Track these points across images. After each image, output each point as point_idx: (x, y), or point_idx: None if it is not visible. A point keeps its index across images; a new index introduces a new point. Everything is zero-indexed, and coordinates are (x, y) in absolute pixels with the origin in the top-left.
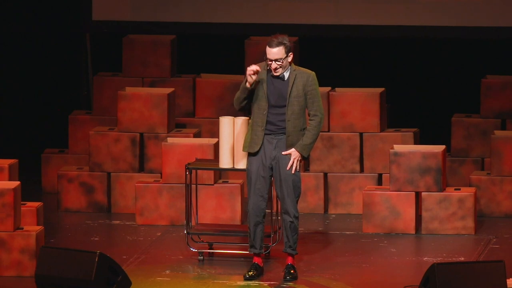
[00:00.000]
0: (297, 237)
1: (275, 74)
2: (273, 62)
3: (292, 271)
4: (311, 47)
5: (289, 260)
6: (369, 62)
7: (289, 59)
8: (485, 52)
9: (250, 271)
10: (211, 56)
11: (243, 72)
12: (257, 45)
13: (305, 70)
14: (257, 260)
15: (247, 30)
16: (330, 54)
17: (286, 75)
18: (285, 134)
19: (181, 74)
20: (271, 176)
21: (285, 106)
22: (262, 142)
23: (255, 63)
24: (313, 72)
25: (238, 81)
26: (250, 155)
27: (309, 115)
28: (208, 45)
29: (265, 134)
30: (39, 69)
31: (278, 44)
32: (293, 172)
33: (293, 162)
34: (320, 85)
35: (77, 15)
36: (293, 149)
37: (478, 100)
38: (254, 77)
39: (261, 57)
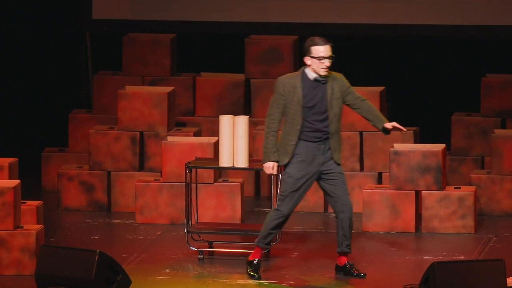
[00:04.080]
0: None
1: (324, 73)
2: (326, 59)
3: (354, 268)
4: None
5: (346, 260)
6: (369, 60)
7: None
8: (485, 51)
9: (259, 267)
10: (211, 55)
11: (243, 70)
12: (257, 43)
13: (334, 73)
14: (261, 256)
15: (247, 29)
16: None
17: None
18: (329, 138)
19: (181, 73)
20: (311, 184)
21: (327, 110)
22: (293, 154)
23: (255, 62)
24: (342, 74)
25: (238, 80)
26: (296, 161)
27: (354, 106)
28: (208, 43)
29: (310, 141)
30: (39, 68)
31: (326, 42)
32: (404, 130)
33: (397, 124)
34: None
35: (77, 14)
36: (386, 123)
37: (478, 98)
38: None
39: (261, 56)
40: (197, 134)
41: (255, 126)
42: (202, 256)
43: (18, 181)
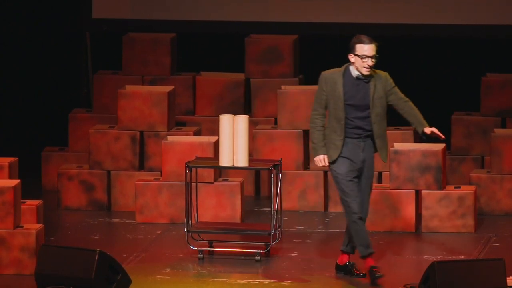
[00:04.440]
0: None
1: (366, 73)
2: (369, 59)
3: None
4: (312, 45)
5: (347, 259)
6: None
7: None
8: (485, 50)
9: (378, 270)
10: (211, 54)
11: (243, 70)
12: (257, 43)
13: (379, 72)
14: (371, 261)
15: (247, 28)
16: (330, 52)
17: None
18: (370, 137)
19: (181, 72)
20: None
21: (369, 108)
22: (341, 151)
23: (255, 62)
24: (387, 73)
25: (238, 79)
26: (337, 159)
27: (396, 106)
28: (208, 43)
29: (351, 137)
30: (39, 68)
31: (371, 41)
32: (443, 137)
33: (436, 130)
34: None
35: (77, 14)
36: (426, 128)
37: (478, 98)
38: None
39: (261, 56)
40: (197, 133)
41: (255, 125)
42: (202, 255)
43: (18, 180)
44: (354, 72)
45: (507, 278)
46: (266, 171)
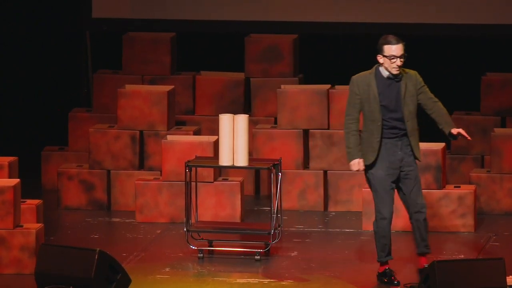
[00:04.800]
0: (426, 235)
1: (396, 73)
2: (398, 59)
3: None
4: (311, 45)
5: (425, 262)
6: (369, 59)
7: None
8: (485, 50)
9: (395, 276)
10: (211, 53)
11: (243, 69)
12: (257, 42)
13: (409, 70)
14: (387, 265)
15: (247, 28)
16: (330, 52)
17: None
18: (406, 135)
19: (181, 71)
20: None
21: (402, 107)
22: (378, 153)
23: (255, 61)
24: (416, 71)
25: (238, 79)
26: (374, 162)
27: (425, 106)
28: (208, 42)
29: (388, 138)
30: (39, 67)
31: (399, 41)
32: (469, 138)
33: (463, 132)
34: (320, 82)
35: (77, 13)
36: (454, 129)
37: (478, 97)
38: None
39: (261, 55)
40: (197, 133)
41: (255, 125)
42: (202, 255)
43: (18, 180)
44: (385, 73)
45: (507, 277)
46: (266, 170)
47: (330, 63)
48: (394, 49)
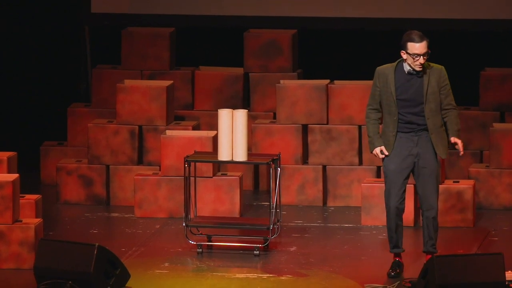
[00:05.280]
0: (434, 234)
1: (418, 69)
2: (421, 57)
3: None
4: (310, 40)
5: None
6: (368, 54)
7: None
8: (484, 45)
9: (396, 269)
10: (210, 48)
11: (242, 64)
12: (256, 37)
13: (434, 65)
14: (398, 258)
15: (246, 23)
16: (329, 47)
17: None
18: (426, 131)
19: (180, 66)
20: (409, 175)
21: (422, 103)
22: (393, 146)
23: (254, 56)
24: (443, 66)
25: (237, 74)
26: (392, 154)
27: (442, 109)
28: (207, 37)
29: (403, 132)
30: (38, 62)
31: (422, 38)
32: (461, 153)
33: (459, 144)
34: (319, 77)
35: (76, 8)
36: (455, 138)
37: (477, 92)
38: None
39: (260, 50)
40: (196, 128)
41: (254, 120)
42: (201, 250)
43: (17, 175)
44: (406, 67)
45: (506, 272)
46: (265, 165)
47: (329, 58)
48: (417, 47)
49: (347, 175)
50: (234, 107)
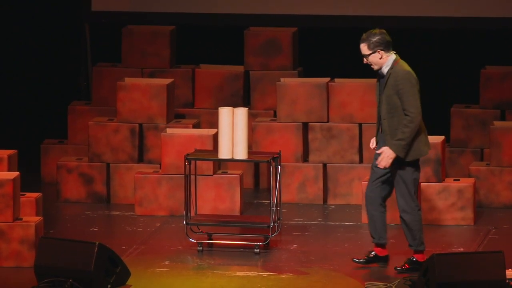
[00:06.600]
0: (416, 233)
1: (374, 69)
2: (364, 58)
3: (406, 265)
4: (311, 38)
5: (413, 255)
6: None
7: (378, 56)
8: (485, 43)
9: (369, 259)
10: (210, 46)
11: (242, 62)
12: (256, 35)
13: (399, 68)
14: (375, 248)
15: (247, 21)
16: (330, 45)
17: (386, 73)
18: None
19: (181, 64)
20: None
21: (380, 106)
22: (377, 143)
23: (254, 54)
24: (409, 70)
25: (237, 72)
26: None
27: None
28: (208, 35)
29: (379, 130)
30: (39, 60)
31: (361, 40)
32: (380, 166)
33: (382, 158)
34: (319, 76)
35: (76, 6)
36: (386, 147)
37: (478, 90)
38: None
39: (260, 48)
40: (196, 126)
41: (254, 118)
42: (201, 248)
43: (18, 173)
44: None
45: (506, 270)
46: (265, 163)
47: (330, 56)
48: (360, 48)
49: (348, 173)
50: (234, 105)
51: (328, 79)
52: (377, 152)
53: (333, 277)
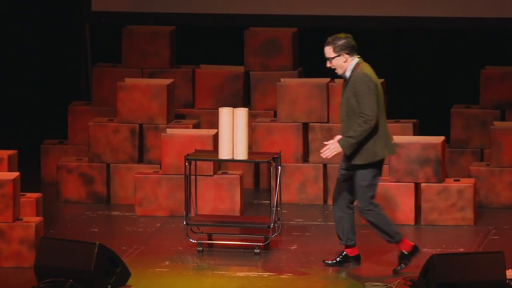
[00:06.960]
0: (385, 228)
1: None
2: (327, 61)
3: (401, 263)
4: (311, 38)
5: (398, 249)
6: (368, 53)
7: (342, 59)
8: (485, 43)
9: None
10: (210, 47)
11: (242, 63)
12: (256, 36)
13: (359, 71)
14: (346, 250)
15: (247, 21)
16: None
17: (348, 77)
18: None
19: (181, 65)
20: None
21: (341, 108)
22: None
23: (254, 55)
24: (367, 73)
25: (237, 72)
26: None
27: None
28: (208, 36)
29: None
30: (39, 60)
31: (327, 43)
32: (322, 155)
33: (327, 148)
34: (319, 76)
35: (76, 6)
36: (333, 140)
37: (478, 91)
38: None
39: (261, 48)
40: (196, 126)
41: (254, 118)
42: (201, 248)
43: (18, 173)
44: None
45: (507, 270)
46: (266, 164)
47: None
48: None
49: None
50: (234, 105)
51: (328, 79)
52: (325, 143)
53: (333, 278)
